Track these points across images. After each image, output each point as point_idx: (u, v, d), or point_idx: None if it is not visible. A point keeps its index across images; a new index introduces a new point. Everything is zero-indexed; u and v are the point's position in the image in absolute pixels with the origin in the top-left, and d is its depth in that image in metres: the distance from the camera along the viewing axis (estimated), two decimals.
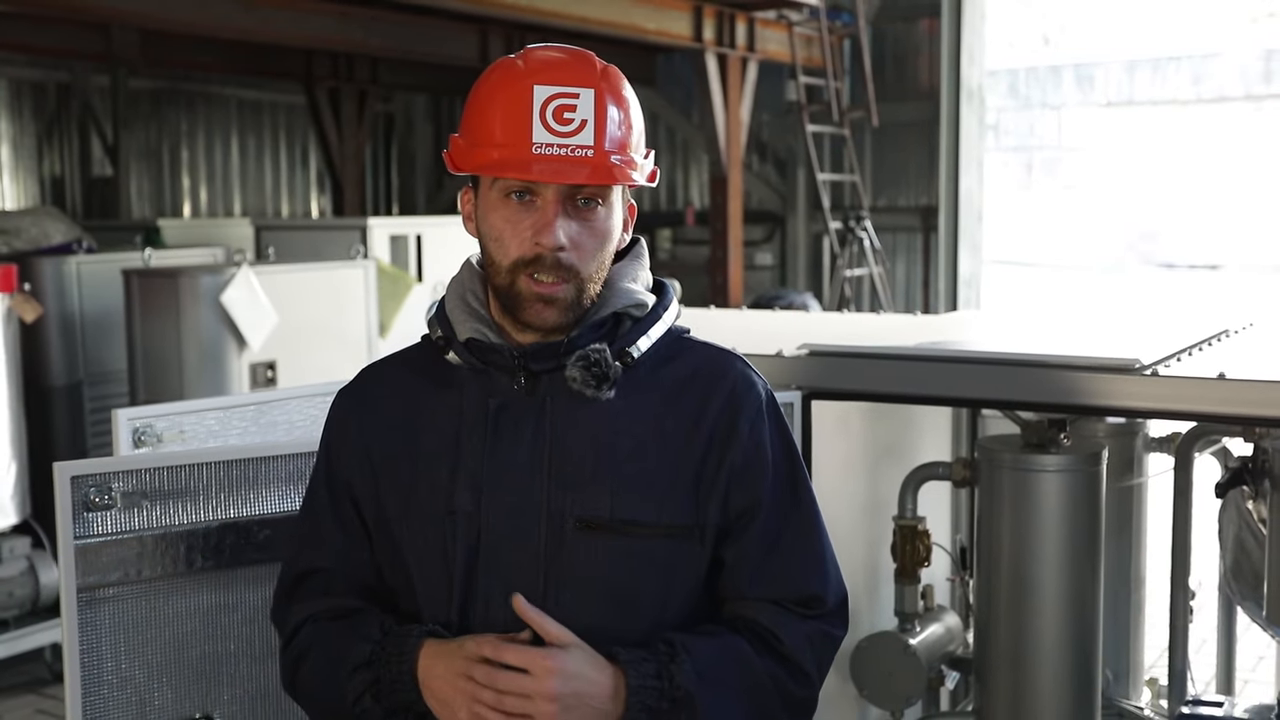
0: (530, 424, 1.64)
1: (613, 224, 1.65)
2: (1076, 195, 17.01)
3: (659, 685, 1.56)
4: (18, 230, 7.19)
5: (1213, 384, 2.39)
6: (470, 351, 1.66)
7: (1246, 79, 16.59)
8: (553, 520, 1.62)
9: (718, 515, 1.66)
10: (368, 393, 1.76)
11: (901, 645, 2.94)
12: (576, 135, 1.57)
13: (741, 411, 1.68)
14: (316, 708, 1.74)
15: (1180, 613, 2.96)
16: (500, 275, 1.62)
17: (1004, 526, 2.78)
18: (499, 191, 1.61)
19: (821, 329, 3.50)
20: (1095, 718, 2.85)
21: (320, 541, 1.74)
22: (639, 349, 1.65)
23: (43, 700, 5.52)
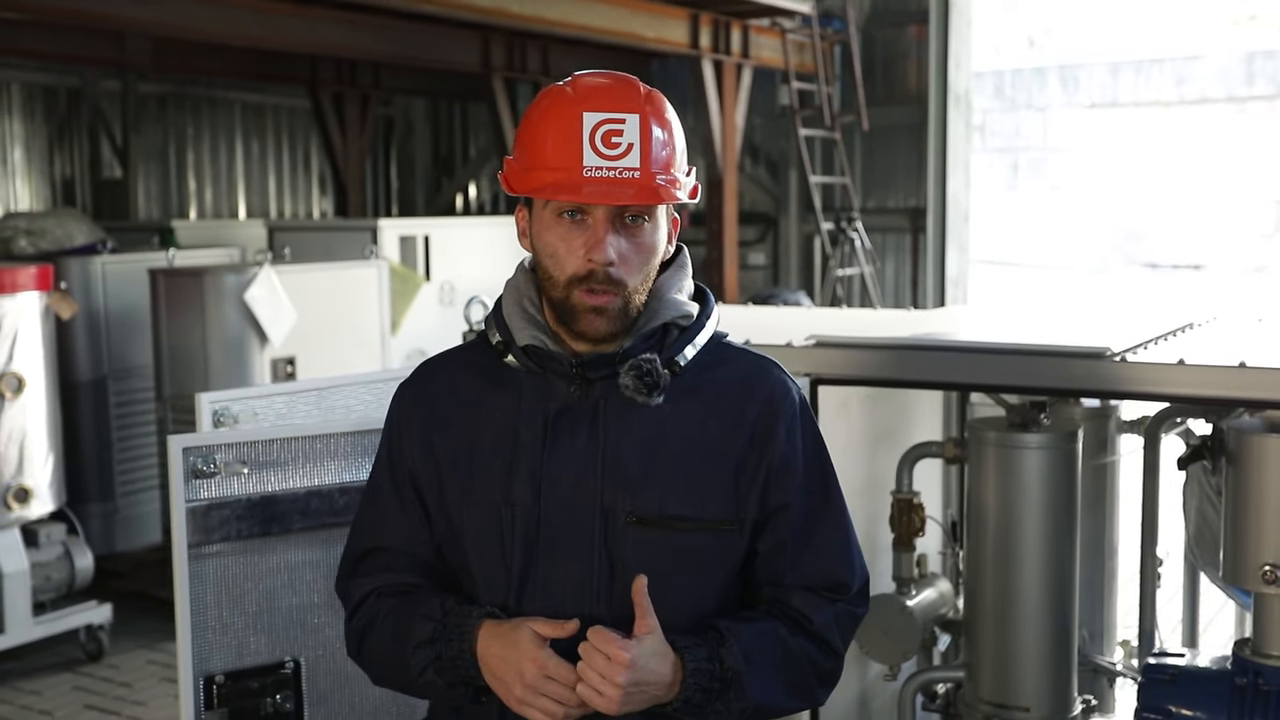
0: (585, 427, 1.76)
1: (658, 239, 1.77)
2: (1062, 196, 17.33)
3: (711, 668, 1.70)
4: (42, 231, 7.45)
5: (1173, 369, 2.71)
6: (529, 356, 1.78)
7: (1228, 81, 16.92)
8: (607, 515, 1.75)
9: (755, 510, 1.79)
10: (429, 388, 1.88)
11: (899, 606, 3.26)
12: (624, 158, 1.68)
13: (779, 415, 1.81)
14: (382, 676, 1.89)
15: (1149, 577, 3.27)
16: (557, 290, 1.74)
17: (990, 499, 3.10)
18: (552, 211, 1.73)
19: (823, 322, 3.81)
20: (1072, 672, 3.17)
21: (384, 522, 1.87)
22: (685, 357, 1.78)
23: (79, 679, 5.79)
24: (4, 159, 10.38)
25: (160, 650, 6.14)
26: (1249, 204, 17.28)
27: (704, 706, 1.71)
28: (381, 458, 1.91)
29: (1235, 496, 2.83)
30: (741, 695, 1.72)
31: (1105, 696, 3.47)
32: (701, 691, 1.70)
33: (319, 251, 7.83)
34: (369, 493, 1.93)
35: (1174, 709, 2.88)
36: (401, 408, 1.89)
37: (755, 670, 1.73)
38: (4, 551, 5.63)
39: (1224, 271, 16.83)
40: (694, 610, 1.77)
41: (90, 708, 5.46)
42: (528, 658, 1.66)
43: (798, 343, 3.12)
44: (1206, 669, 2.94)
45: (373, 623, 1.84)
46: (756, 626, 1.77)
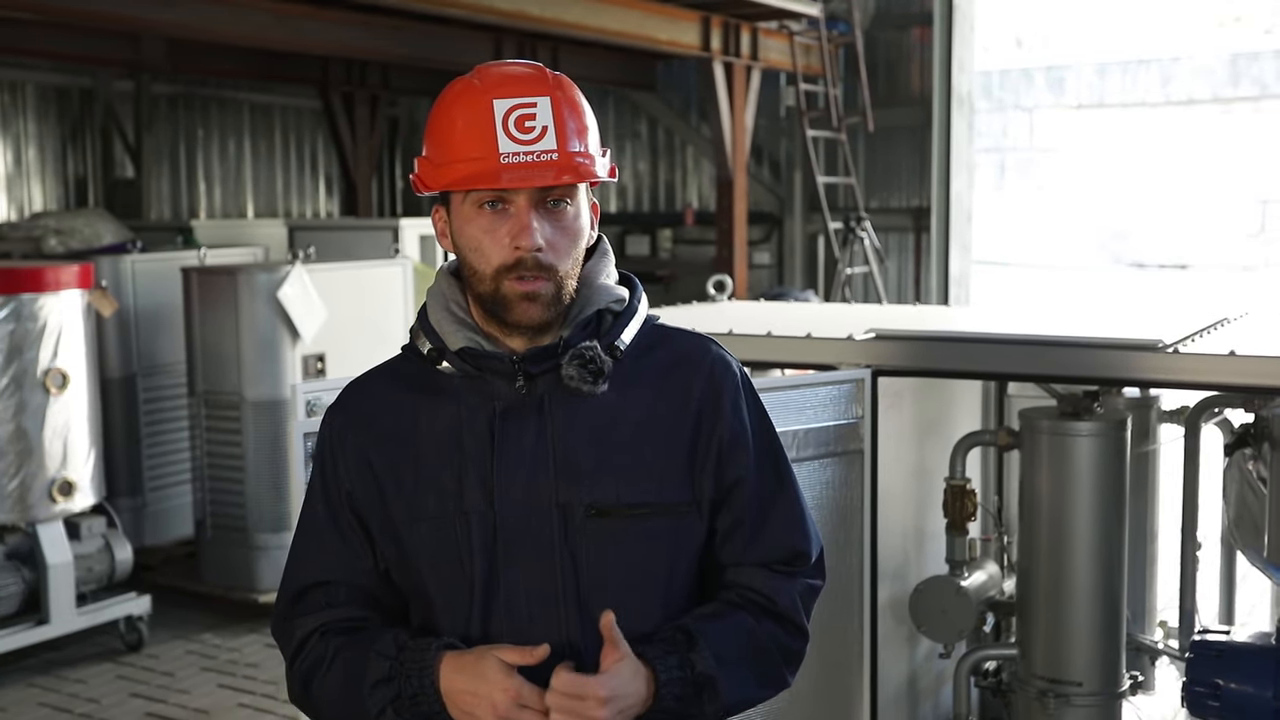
0: (533, 425, 1.71)
1: (583, 222, 1.73)
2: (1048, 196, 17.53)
3: (683, 675, 1.67)
4: (71, 230, 7.56)
5: (1225, 360, 2.88)
6: (464, 360, 1.72)
7: (1213, 82, 17.14)
8: (565, 512, 1.70)
9: (711, 489, 1.77)
10: (361, 407, 1.81)
11: (954, 587, 3.42)
12: (539, 141, 1.64)
13: (723, 391, 1.78)
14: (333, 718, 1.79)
15: (1190, 560, 3.44)
16: (484, 283, 1.69)
17: (1043, 484, 3.26)
18: (472, 204, 1.67)
19: (867, 317, 3.96)
20: (1121, 650, 3.34)
21: (322, 555, 1.79)
22: (624, 342, 1.74)
23: (121, 668, 5.91)
24: (19, 159, 10.46)
25: (197, 640, 6.26)
26: (1235, 204, 17.52)
27: (679, 712, 1.69)
28: (315, 487, 1.82)
29: (1278, 479, 3.00)
30: (715, 697, 1.69)
31: (1147, 674, 3.64)
32: (675, 699, 1.67)
33: (337, 250, 7.96)
34: (303, 525, 1.84)
35: (1222, 682, 3.05)
36: (333, 430, 1.81)
37: (727, 669, 1.70)
38: (49, 543, 5.75)
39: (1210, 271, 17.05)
40: (662, 597, 1.75)
41: (136, 696, 5.58)
42: (498, 688, 1.61)
43: (858, 336, 3.27)
44: (1251, 644, 3.10)
45: (319, 664, 1.75)
46: (724, 623, 1.74)
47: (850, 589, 3.22)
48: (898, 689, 3.63)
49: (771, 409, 3.02)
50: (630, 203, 12.45)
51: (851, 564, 3.23)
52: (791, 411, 3.07)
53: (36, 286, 5.70)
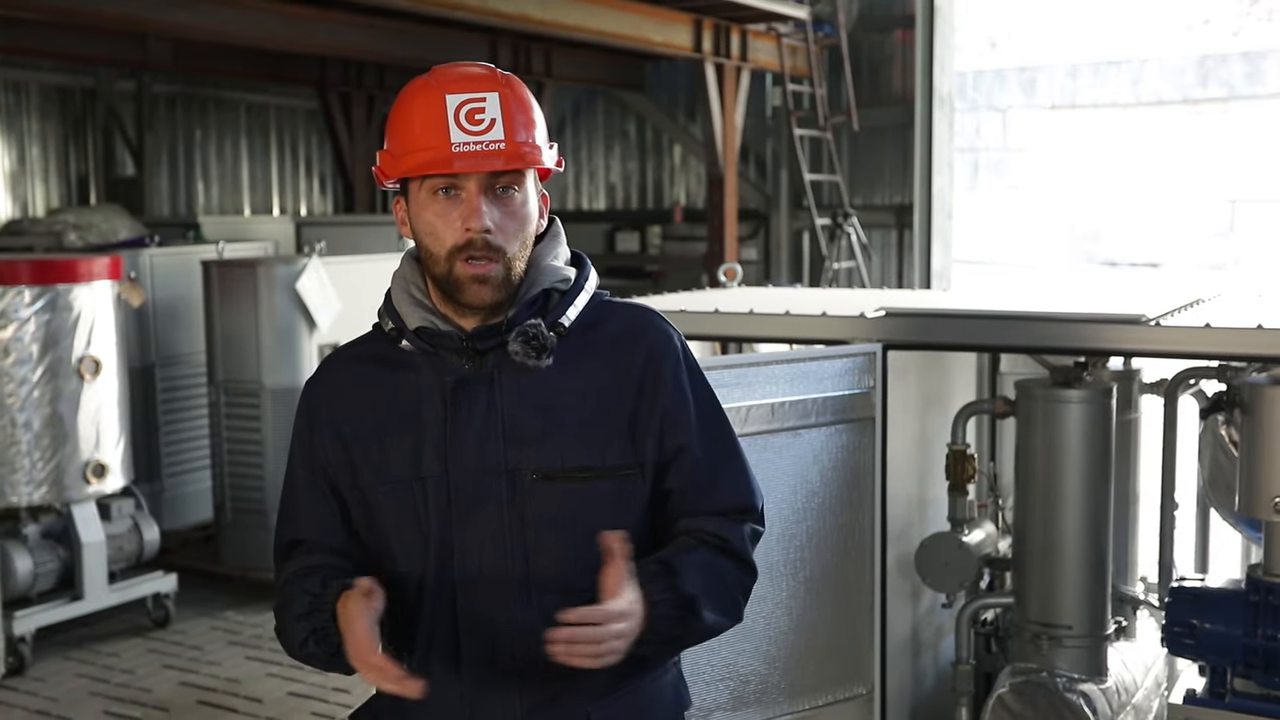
0: (483, 396, 1.85)
1: (530, 208, 1.86)
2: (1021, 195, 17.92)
3: (672, 596, 1.82)
4: (89, 226, 7.82)
5: (1201, 331, 3.22)
6: (421, 338, 1.87)
7: (1183, 83, 17.58)
8: (513, 476, 1.84)
9: (655, 453, 1.90)
10: (333, 380, 1.97)
11: (956, 542, 3.75)
12: (488, 132, 1.78)
13: (664, 360, 1.91)
14: (289, 650, 1.94)
15: (1168, 518, 3.77)
16: (438, 265, 1.82)
17: (1037, 447, 3.60)
18: (427, 191, 1.81)
19: (875, 298, 4.29)
20: (1107, 597, 3.67)
21: (301, 515, 1.96)
22: (568, 318, 1.88)
23: (151, 643, 6.19)
24: (23, 157, 10.68)
25: (220, 618, 6.54)
26: (1204, 203, 17.96)
27: (666, 636, 1.82)
28: (295, 454, 1.98)
29: (1249, 441, 3.34)
30: (697, 618, 1.84)
31: (1130, 623, 3.98)
32: (665, 620, 1.80)
33: (342, 245, 8.22)
34: (287, 487, 2.00)
35: (1197, 622, 3.38)
36: (309, 403, 1.97)
37: (702, 592, 1.85)
38: (83, 523, 6.02)
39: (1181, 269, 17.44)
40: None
41: (169, 667, 5.85)
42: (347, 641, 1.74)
43: (869, 314, 3.60)
44: (1223, 589, 3.45)
45: (281, 605, 1.93)
46: (693, 556, 1.88)
47: (862, 545, 3.54)
48: (903, 640, 3.96)
49: (792, 379, 3.38)
50: (619, 200, 12.75)
51: (863, 522, 3.55)
52: (810, 381, 3.39)
53: (70, 277, 5.96)
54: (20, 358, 5.84)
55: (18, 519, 5.94)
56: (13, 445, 5.83)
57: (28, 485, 5.89)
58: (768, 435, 3.29)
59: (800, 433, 3.34)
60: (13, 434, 5.82)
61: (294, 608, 1.86)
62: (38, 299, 5.85)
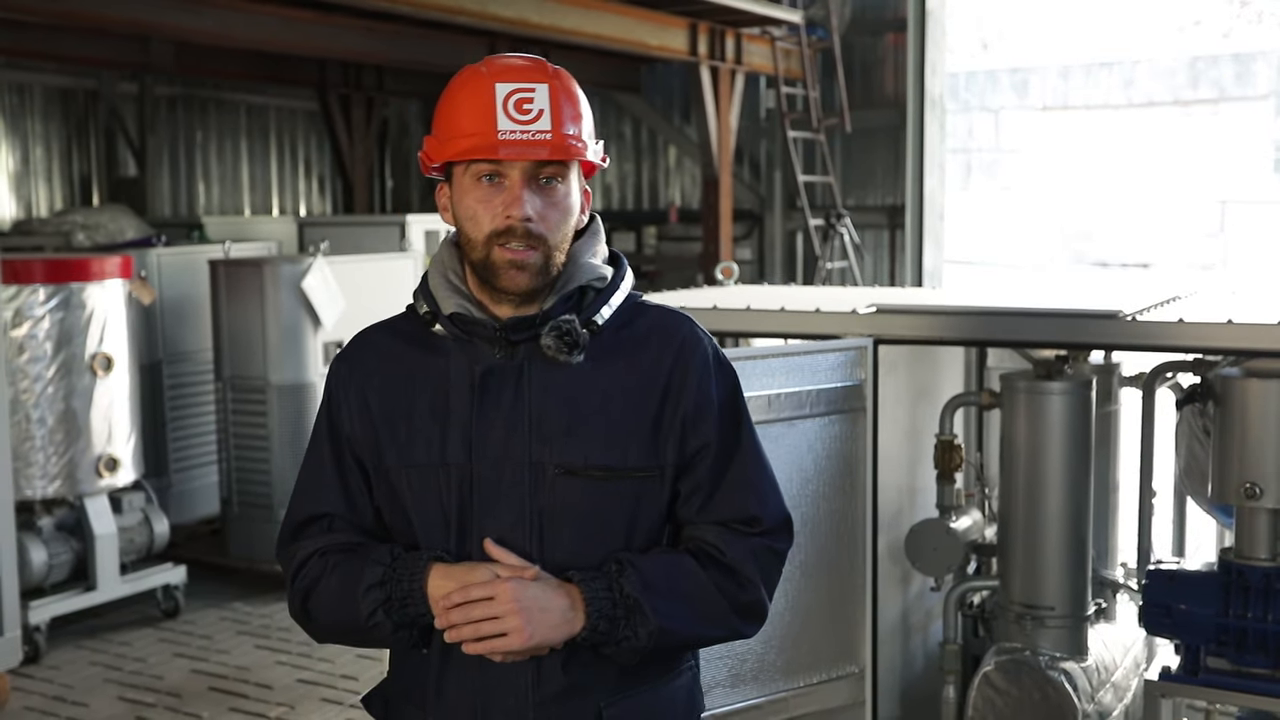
0: (511, 387, 1.85)
1: (572, 201, 1.86)
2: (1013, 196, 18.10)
3: (610, 595, 1.81)
4: (97, 226, 7.97)
5: (1175, 326, 3.39)
6: (454, 324, 1.87)
7: (1174, 84, 17.78)
8: (535, 469, 1.84)
9: (675, 456, 1.90)
10: (365, 357, 1.96)
11: (944, 528, 3.92)
12: (535, 122, 1.79)
13: (690, 366, 1.91)
14: (327, 627, 1.94)
15: (1146, 505, 3.95)
16: (476, 250, 1.83)
17: (1021, 437, 3.77)
18: (471, 177, 1.83)
19: (866, 295, 4.46)
20: (1088, 580, 3.85)
21: (324, 490, 1.95)
22: (603, 317, 1.88)
23: (161, 633, 6.34)
24: (27, 158, 10.82)
25: (228, 609, 6.70)
26: (1194, 204, 18.16)
27: (612, 634, 1.81)
28: (320, 427, 1.98)
29: (1221, 430, 3.52)
30: (646, 620, 1.81)
31: (1109, 606, 4.16)
32: (606, 619, 1.80)
33: (344, 245, 8.37)
34: (309, 461, 1.99)
35: (1172, 603, 3.56)
36: (338, 378, 1.97)
37: (657, 597, 1.82)
38: (96, 516, 6.18)
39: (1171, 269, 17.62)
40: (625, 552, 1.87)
41: (180, 656, 6.01)
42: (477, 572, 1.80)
43: (861, 310, 3.77)
44: (1198, 571, 3.62)
45: (318, 579, 1.90)
46: (661, 558, 1.88)
47: (855, 531, 3.71)
48: (894, 622, 4.13)
49: (787, 372, 3.55)
50: (615, 201, 12.92)
51: (856, 509, 3.72)
52: (805, 374, 3.55)
53: (83, 276, 6.12)
54: (35, 355, 6.00)
55: (32, 512, 6.10)
56: (27, 440, 5.98)
57: (42, 479, 6.04)
58: (764, 425, 3.44)
59: (795, 423, 3.50)
60: (27, 429, 5.98)
61: (361, 579, 1.84)
62: (52, 297, 6.01)
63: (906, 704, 4.21)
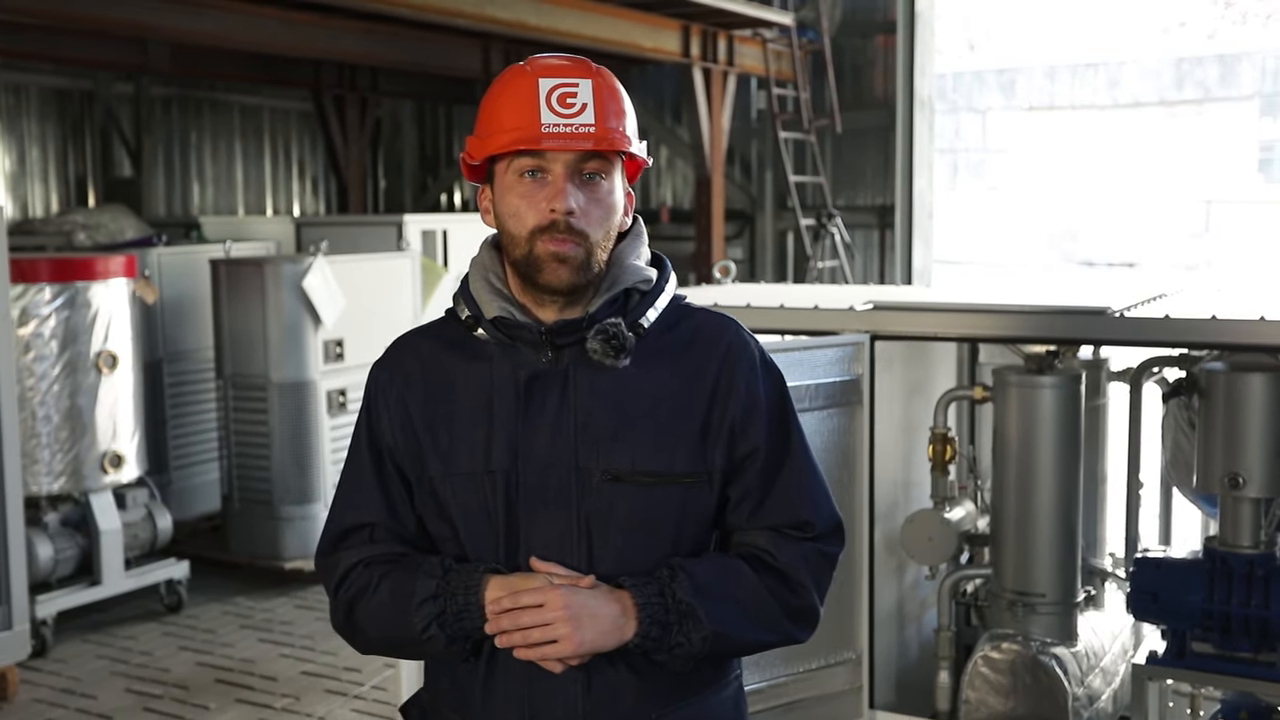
0: (557, 391, 1.83)
1: (615, 199, 1.84)
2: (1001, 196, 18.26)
3: (662, 601, 1.79)
4: (98, 225, 8.06)
5: (1161, 322, 3.52)
6: (498, 328, 1.85)
7: (1159, 85, 17.96)
8: (582, 474, 1.82)
9: (723, 461, 1.87)
10: (404, 364, 1.93)
11: (939, 518, 4.04)
12: (579, 116, 1.78)
13: (738, 370, 1.88)
14: (374, 640, 1.91)
15: (1134, 496, 4.07)
16: (519, 246, 1.81)
17: (1013, 430, 3.89)
18: (514, 173, 1.81)
19: (862, 293, 4.58)
20: (1077, 568, 3.97)
21: (365, 499, 1.92)
22: (648, 320, 1.86)
23: (165, 627, 6.43)
24: (23, 159, 10.88)
25: (231, 603, 6.78)
26: (1180, 204, 18.34)
27: (664, 640, 1.79)
28: (360, 435, 1.95)
29: (1206, 422, 3.65)
30: (699, 625, 1.78)
31: (1098, 593, 4.28)
32: (658, 625, 1.78)
33: (341, 245, 8.46)
34: (348, 470, 1.96)
35: (1160, 589, 3.68)
36: (378, 385, 1.94)
37: (710, 602, 1.80)
38: (101, 511, 6.26)
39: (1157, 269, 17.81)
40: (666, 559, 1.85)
41: (185, 649, 6.10)
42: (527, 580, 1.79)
43: (858, 307, 3.88)
44: (1183, 559, 3.75)
45: (364, 590, 1.87)
46: (712, 562, 1.86)
47: (852, 521, 3.83)
48: (889, 611, 4.25)
49: (786, 366, 3.64)
50: None
51: (853, 500, 3.84)
52: (804, 369, 3.67)
53: (88, 275, 6.20)
54: (40, 354, 6.08)
55: (38, 508, 6.17)
56: (33, 437, 6.06)
57: (48, 476, 6.13)
58: None
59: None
60: (33, 427, 6.06)
61: (414, 593, 1.82)
62: (57, 296, 6.09)
63: (901, 690, 4.32)
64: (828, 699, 3.88)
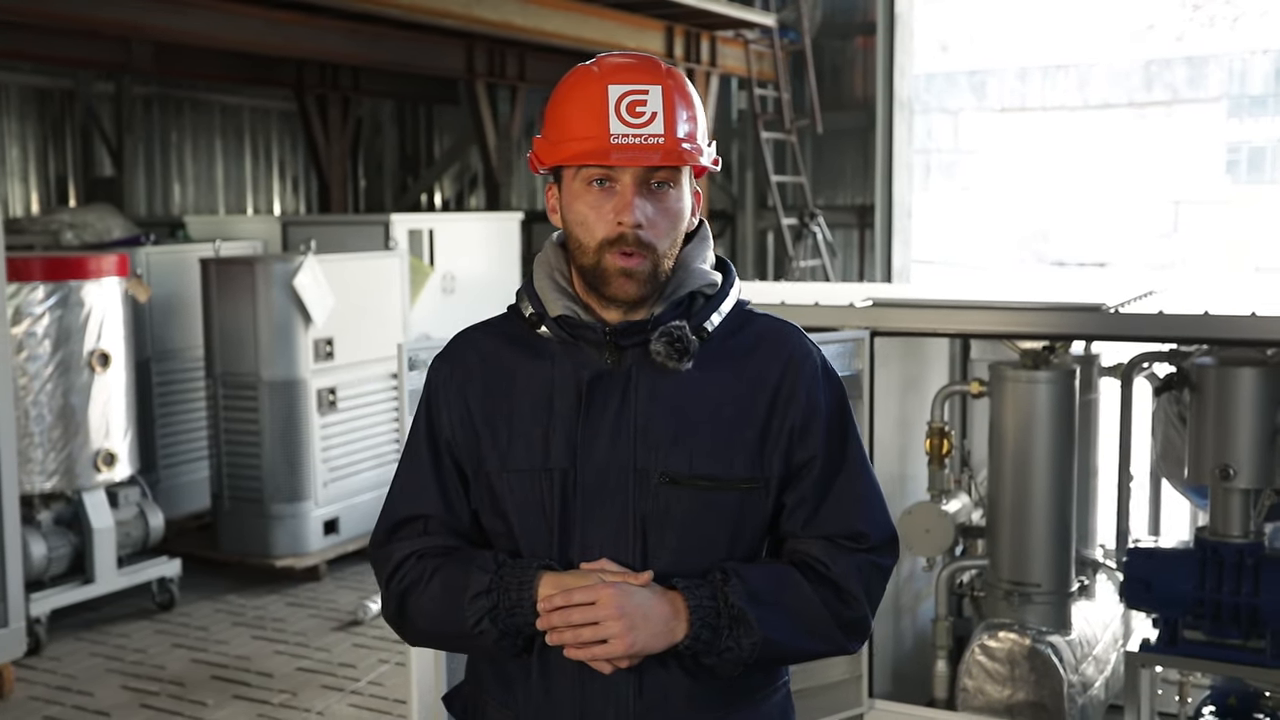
0: (618, 393, 1.83)
1: (684, 206, 1.83)
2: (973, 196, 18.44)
3: (714, 605, 1.77)
4: (84, 225, 8.04)
5: (1154, 318, 3.61)
6: (561, 327, 1.85)
7: (1128, 87, 18.19)
8: (640, 476, 1.81)
9: (781, 468, 1.86)
10: (466, 359, 1.93)
11: (937, 510, 4.13)
12: (648, 126, 1.75)
13: (800, 377, 1.87)
14: (425, 632, 1.91)
15: (1125, 489, 4.17)
16: (587, 256, 1.80)
17: (1009, 423, 3.99)
18: (582, 181, 1.79)
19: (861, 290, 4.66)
20: (1071, 559, 4.07)
21: (421, 491, 1.92)
22: (712, 324, 1.85)
23: (158, 625, 6.45)
24: (3, 158, 10.83)
25: (223, 601, 6.81)
26: (1149, 204, 18.58)
27: (715, 643, 1.78)
28: (419, 427, 1.95)
29: (1197, 416, 3.75)
30: (750, 631, 1.78)
31: (1090, 584, 4.38)
32: (709, 629, 1.77)
33: (326, 244, 8.48)
34: (405, 462, 1.97)
35: (1152, 578, 3.78)
36: (439, 378, 1.95)
37: (762, 608, 1.79)
38: (94, 509, 6.27)
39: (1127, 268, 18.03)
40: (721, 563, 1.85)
41: (178, 646, 6.12)
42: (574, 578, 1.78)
43: (858, 303, 3.96)
44: (1175, 549, 3.85)
45: (417, 582, 1.87)
46: (767, 569, 1.85)
47: None
48: (886, 604, 4.33)
49: None
50: None
51: None
52: None
53: (82, 274, 6.21)
54: (33, 353, 6.08)
55: (31, 506, 6.18)
56: (26, 436, 6.06)
57: (40, 474, 6.13)
58: None
59: None
60: (26, 425, 6.06)
61: (468, 587, 1.82)
62: (50, 295, 6.10)
63: (898, 680, 4.41)
64: (828, 688, 3.96)
